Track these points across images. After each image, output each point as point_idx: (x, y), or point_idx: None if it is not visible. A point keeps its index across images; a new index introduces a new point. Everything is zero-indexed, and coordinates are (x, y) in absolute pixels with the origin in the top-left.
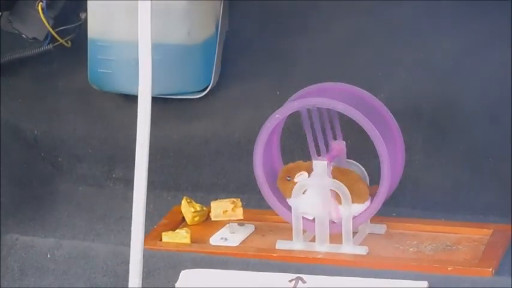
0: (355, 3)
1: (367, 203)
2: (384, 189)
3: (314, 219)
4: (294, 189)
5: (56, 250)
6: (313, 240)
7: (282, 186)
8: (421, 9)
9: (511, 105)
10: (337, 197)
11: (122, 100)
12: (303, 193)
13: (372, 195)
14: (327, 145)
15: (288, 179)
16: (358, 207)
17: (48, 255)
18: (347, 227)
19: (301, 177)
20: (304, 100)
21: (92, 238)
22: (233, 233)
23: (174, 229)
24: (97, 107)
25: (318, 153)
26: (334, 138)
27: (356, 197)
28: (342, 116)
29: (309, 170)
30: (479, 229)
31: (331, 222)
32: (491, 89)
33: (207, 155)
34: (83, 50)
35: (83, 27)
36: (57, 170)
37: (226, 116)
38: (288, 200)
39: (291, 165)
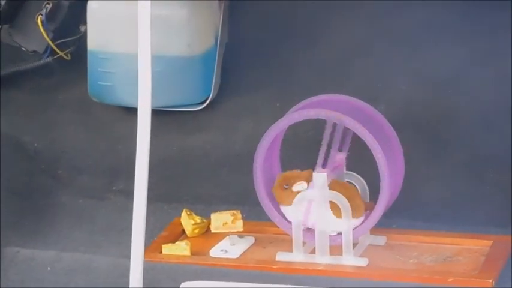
0: (355, 14)
1: (361, 219)
2: (384, 200)
3: (314, 230)
4: (294, 200)
5: (56, 263)
6: (313, 252)
7: (278, 193)
8: (421, 20)
9: (511, 116)
10: (336, 208)
11: (122, 112)
12: (303, 203)
13: (368, 211)
14: (327, 157)
15: (286, 187)
16: (354, 222)
17: (49, 268)
18: (347, 239)
19: (299, 187)
20: (304, 112)
21: (93, 250)
22: (233, 245)
23: (174, 241)
24: (97, 120)
25: (324, 165)
26: (339, 150)
27: (352, 211)
28: (343, 128)
29: (307, 180)
30: (479, 240)
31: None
32: (491, 100)
33: (207, 167)
34: (83, 62)
35: (82, 39)
36: (58, 182)
37: (226, 127)
38: (281, 207)
39: (288, 173)
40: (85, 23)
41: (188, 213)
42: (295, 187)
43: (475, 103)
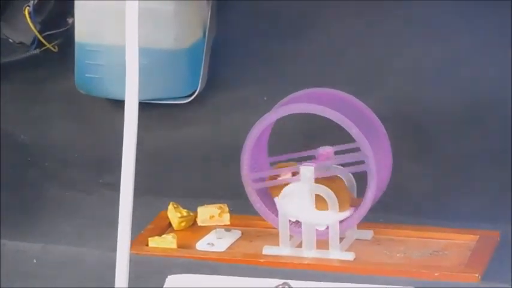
0: (344, 8)
1: (347, 212)
2: (371, 194)
3: (300, 224)
4: (281, 193)
5: (43, 255)
6: (300, 245)
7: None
8: (412, 14)
9: (500, 112)
10: (322, 202)
11: (110, 105)
12: (290, 197)
13: (354, 206)
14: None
15: (276, 177)
16: (340, 215)
17: (35, 261)
18: (334, 233)
19: (285, 177)
20: (292, 106)
21: (80, 243)
22: (220, 238)
23: (160, 234)
24: (85, 112)
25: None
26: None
27: (339, 205)
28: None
29: (296, 171)
30: (466, 235)
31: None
32: (479, 96)
33: (194, 160)
34: (70, 54)
35: (70, 32)
36: (45, 175)
37: (213, 121)
38: (275, 199)
39: (280, 164)
40: (73, 15)
41: (175, 206)
42: (282, 177)
43: (464, 98)
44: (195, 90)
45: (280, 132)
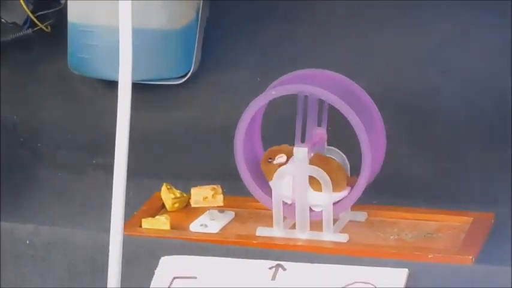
0: None
1: (344, 192)
2: (365, 176)
3: (294, 206)
4: (274, 175)
5: (35, 236)
6: (293, 227)
7: (264, 168)
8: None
9: (493, 95)
10: (316, 183)
11: (102, 86)
12: (284, 178)
13: (350, 185)
14: (309, 132)
15: (269, 160)
16: (335, 196)
17: (27, 242)
18: (327, 215)
19: (280, 159)
20: (285, 87)
21: (72, 225)
22: (213, 219)
23: (154, 215)
24: (77, 93)
25: (302, 140)
26: (318, 125)
27: (333, 186)
28: (323, 103)
29: (290, 154)
30: (459, 217)
31: (312, 209)
32: (473, 79)
33: (187, 141)
34: (63, 35)
35: (63, 12)
36: (37, 156)
37: (206, 102)
38: (270, 182)
39: (274, 147)
40: None
41: (168, 187)
42: (276, 160)
43: (458, 81)
44: (188, 71)
45: (274, 113)
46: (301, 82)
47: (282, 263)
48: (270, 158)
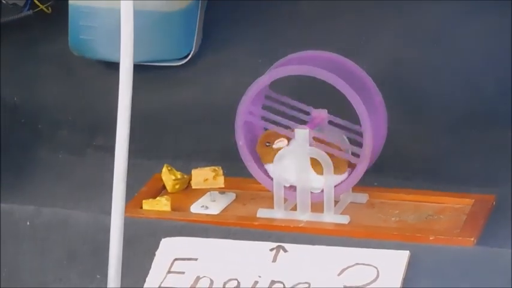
0: None
1: (345, 174)
2: (366, 158)
3: (295, 187)
4: (275, 157)
5: (35, 218)
6: (294, 209)
7: (261, 151)
8: None
9: (495, 75)
10: (317, 166)
11: (103, 67)
12: (284, 160)
13: (351, 167)
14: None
15: (267, 144)
16: (336, 178)
17: (28, 223)
18: (328, 196)
19: (280, 144)
20: (286, 68)
21: (72, 206)
22: (214, 201)
23: (154, 197)
24: (78, 74)
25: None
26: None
27: (334, 168)
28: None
29: (289, 137)
30: (461, 199)
31: (312, 192)
32: (474, 59)
33: (188, 123)
34: (64, 16)
35: None
36: (37, 137)
37: (207, 83)
38: (265, 166)
39: (271, 131)
40: None
41: (169, 168)
42: (276, 144)
43: (459, 61)
44: (189, 52)
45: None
46: (303, 63)
47: (283, 244)
48: (268, 142)
